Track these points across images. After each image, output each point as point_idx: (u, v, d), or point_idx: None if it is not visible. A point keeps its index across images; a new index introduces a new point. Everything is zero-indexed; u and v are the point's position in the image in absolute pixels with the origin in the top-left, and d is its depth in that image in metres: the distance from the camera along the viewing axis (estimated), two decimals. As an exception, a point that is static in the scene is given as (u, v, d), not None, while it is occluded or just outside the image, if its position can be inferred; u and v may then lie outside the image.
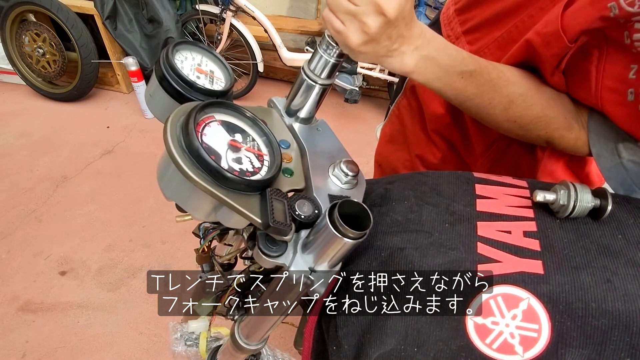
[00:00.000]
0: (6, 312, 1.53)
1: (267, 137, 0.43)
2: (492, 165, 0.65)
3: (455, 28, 0.61)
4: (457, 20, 0.61)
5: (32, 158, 2.28)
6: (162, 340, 1.48)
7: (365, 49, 0.42)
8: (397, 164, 0.81)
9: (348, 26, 0.41)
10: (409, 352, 0.39)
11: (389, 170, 0.84)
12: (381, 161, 0.87)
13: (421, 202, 0.45)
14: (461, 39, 0.59)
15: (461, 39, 0.59)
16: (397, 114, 0.79)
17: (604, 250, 0.38)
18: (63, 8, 2.37)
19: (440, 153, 0.71)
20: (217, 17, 2.55)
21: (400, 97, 0.77)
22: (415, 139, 0.75)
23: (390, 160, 0.83)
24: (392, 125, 0.81)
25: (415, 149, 0.75)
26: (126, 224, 1.92)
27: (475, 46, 0.57)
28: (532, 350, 0.34)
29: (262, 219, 0.36)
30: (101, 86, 2.91)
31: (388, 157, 0.84)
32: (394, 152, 0.81)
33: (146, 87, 0.49)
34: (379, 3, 0.38)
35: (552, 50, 0.45)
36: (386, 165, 0.85)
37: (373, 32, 0.40)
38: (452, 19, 0.62)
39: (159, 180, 0.39)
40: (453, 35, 0.61)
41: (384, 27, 0.40)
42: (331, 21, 0.42)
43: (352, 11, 0.40)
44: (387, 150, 0.84)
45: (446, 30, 0.63)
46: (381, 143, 0.86)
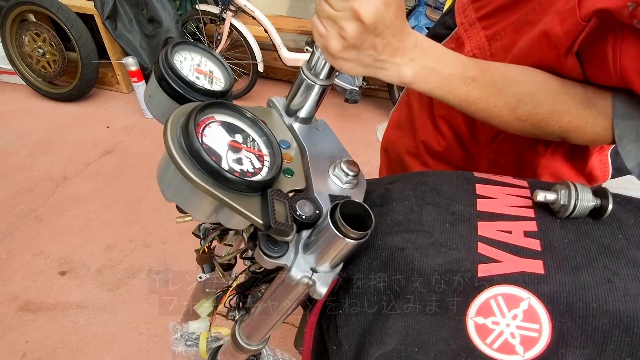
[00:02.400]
0: (6, 312, 1.53)
1: (268, 137, 0.43)
2: (496, 156, 0.65)
3: (470, 15, 0.61)
4: (471, 7, 0.61)
5: (32, 158, 2.28)
6: (162, 340, 1.48)
7: (347, 55, 0.42)
8: (402, 150, 0.82)
9: (329, 30, 0.41)
10: (409, 352, 0.39)
11: (394, 156, 0.85)
12: (387, 147, 0.88)
13: (422, 202, 0.45)
14: (476, 25, 0.60)
15: (476, 25, 0.60)
16: (406, 100, 0.80)
17: (605, 250, 0.38)
18: (63, 8, 2.37)
19: (445, 141, 0.71)
20: (217, 17, 2.55)
21: None
22: (421, 125, 0.75)
23: (397, 146, 0.84)
24: (400, 112, 0.82)
25: (420, 135, 0.76)
26: (126, 224, 1.92)
27: (490, 31, 0.58)
28: (532, 350, 0.34)
29: (263, 219, 0.36)
30: (101, 86, 2.91)
31: (394, 143, 0.85)
32: (400, 138, 0.82)
33: (145, 87, 0.49)
34: (355, 8, 0.38)
35: (565, 27, 0.45)
36: (392, 151, 0.86)
37: (351, 37, 0.40)
38: (467, 6, 0.62)
39: (159, 181, 0.39)
40: (467, 22, 0.62)
41: (362, 33, 0.40)
42: (315, 25, 0.42)
43: (332, 15, 0.40)
44: (394, 137, 0.85)
45: (460, 18, 0.63)
46: (389, 129, 0.88)
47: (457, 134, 0.69)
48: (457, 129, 0.69)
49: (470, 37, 0.61)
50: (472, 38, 0.60)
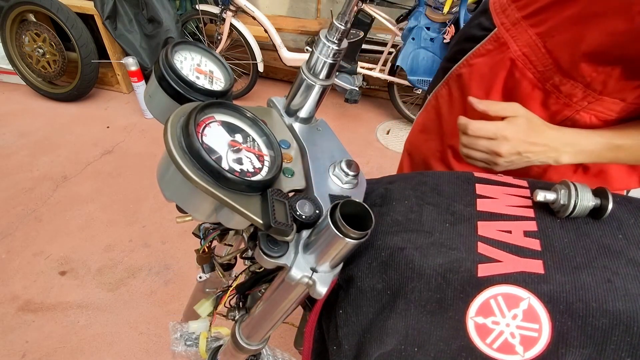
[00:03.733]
0: (6, 312, 1.53)
1: (268, 137, 0.43)
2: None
3: (512, 15, 0.61)
4: (513, 7, 0.61)
5: (32, 158, 2.28)
6: (162, 340, 1.48)
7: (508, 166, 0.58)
8: (427, 154, 0.82)
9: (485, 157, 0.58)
10: (409, 352, 0.39)
11: (418, 159, 0.86)
12: (411, 150, 0.89)
13: (422, 201, 0.45)
14: (521, 23, 0.60)
15: (521, 24, 0.60)
16: (434, 104, 0.80)
17: (605, 250, 0.38)
18: (63, 8, 2.37)
19: None
20: (217, 17, 2.55)
21: (440, 87, 0.78)
22: (450, 129, 0.76)
23: (421, 149, 0.84)
24: (427, 115, 0.82)
25: (449, 140, 0.76)
26: (126, 224, 1.92)
27: (541, 28, 0.58)
28: (532, 350, 0.34)
29: (264, 219, 0.36)
30: (101, 86, 2.91)
31: (419, 146, 0.85)
32: (426, 141, 0.83)
33: (145, 87, 0.49)
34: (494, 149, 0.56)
35: None
36: (416, 154, 0.87)
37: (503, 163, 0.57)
38: (507, 6, 0.62)
39: (159, 181, 0.39)
40: (508, 22, 0.62)
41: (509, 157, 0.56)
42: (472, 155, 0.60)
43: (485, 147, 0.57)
44: (419, 140, 0.85)
45: (500, 19, 0.63)
46: (414, 132, 0.88)
47: None
48: None
49: (515, 36, 0.61)
50: (519, 37, 0.60)
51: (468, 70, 0.69)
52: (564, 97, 0.59)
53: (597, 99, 0.57)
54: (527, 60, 0.60)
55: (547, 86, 0.60)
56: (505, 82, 0.64)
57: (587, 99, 0.57)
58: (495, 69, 0.64)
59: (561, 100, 0.59)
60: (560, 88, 0.58)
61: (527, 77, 0.61)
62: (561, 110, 0.60)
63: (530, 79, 0.61)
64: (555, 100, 0.60)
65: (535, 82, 0.61)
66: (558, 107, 0.60)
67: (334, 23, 0.44)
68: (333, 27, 0.45)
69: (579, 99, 0.58)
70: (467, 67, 0.70)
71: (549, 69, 0.58)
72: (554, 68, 0.58)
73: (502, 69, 0.64)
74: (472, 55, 0.68)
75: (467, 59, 0.69)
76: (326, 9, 3.12)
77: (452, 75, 0.74)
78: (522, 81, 0.62)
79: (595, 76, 0.54)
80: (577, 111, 0.59)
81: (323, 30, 0.46)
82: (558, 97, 0.59)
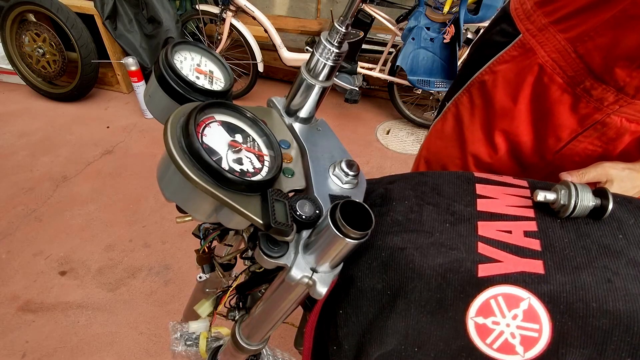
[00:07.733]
0: (6, 312, 1.53)
1: (268, 137, 0.43)
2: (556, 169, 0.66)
3: (538, 20, 0.61)
4: (539, 12, 0.61)
5: (32, 158, 2.28)
6: (162, 340, 1.48)
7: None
8: (446, 161, 0.81)
9: None
10: (409, 352, 0.39)
11: (437, 166, 0.85)
12: (429, 157, 0.88)
13: (422, 202, 0.45)
14: (549, 29, 0.60)
15: (549, 30, 0.60)
16: (454, 112, 0.79)
17: (605, 250, 0.38)
18: (63, 8, 2.37)
19: (496, 154, 0.72)
20: (217, 17, 2.55)
21: (460, 94, 0.77)
22: (472, 137, 0.75)
23: (440, 156, 0.83)
24: (445, 122, 0.81)
25: (470, 147, 0.76)
26: (126, 224, 1.92)
27: (571, 33, 0.57)
28: (532, 350, 0.34)
29: (264, 219, 0.36)
30: (101, 86, 2.91)
31: (437, 153, 0.84)
32: (445, 148, 0.82)
33: (145, 87, 0.49)
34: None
35: None
36: (434, 161, 0.86)
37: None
38: (532, 12, 0.62)
39: (159, 181, 0.39)
40: (534, 28, 0.61)
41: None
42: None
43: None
44: (437, 147, 0.84)
45: (524, 25, 0.63)
46: (431, 139, 0.87)
47: (514, 147, 0.70)
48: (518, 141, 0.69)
49: (542, 42, 0.60)
50: (547, 43, 0.60)
51: (492, 77, 0.68)
52: (594, 101, 0.58)
53: (630, 102, 0.56)
54: (556, 65, 0.59)
55: (577, 90, 0.59)
56: (533, 87, 0.63)
57: (619, 102, 0.57)
58: (522, 74, 0.64)
59: (592, 104, 0.59)
60: (591, 92, 0.58)
61: (556, 82, 0.60)
62: (592, 114, 0.60)
63: (560, 84, 0.60)
64: (585, 105, 0.59)
65: (564, 87, 0.60)
66: (588, 111, 0.60)
67: (335, 26, 0.44)
68: (334, 29, 0.45)
69: (610, 103, 0.57)
70: (490, 73, 0.69)
71: (580, 74, 0.57)
72: (585, 73, 0.57)
73: (529, 74, 0.63)
74: (496, 62, 0.67)
75: (491, 65, 0.68)
76: (326, 9, 3.12)
77: (474, 82, 0.73)
78: (550, 86, 0.61)
79: (629, 80, 0.54)
80: (608, 115, 0.58)
81: (324, 32, 0.46)
82: (588, 101, 0.59)
